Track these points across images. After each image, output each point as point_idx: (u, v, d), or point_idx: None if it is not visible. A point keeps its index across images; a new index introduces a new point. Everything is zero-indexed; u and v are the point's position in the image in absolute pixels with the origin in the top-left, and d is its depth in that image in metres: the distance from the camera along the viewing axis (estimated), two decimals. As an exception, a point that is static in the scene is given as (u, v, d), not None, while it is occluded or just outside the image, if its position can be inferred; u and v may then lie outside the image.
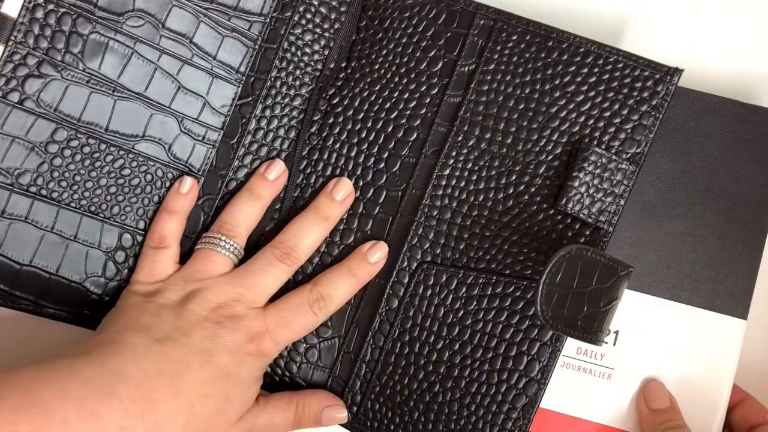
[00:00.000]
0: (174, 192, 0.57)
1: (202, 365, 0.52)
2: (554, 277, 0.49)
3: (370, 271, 0.57)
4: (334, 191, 0.58)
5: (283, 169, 0.59)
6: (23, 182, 0.54)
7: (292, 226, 0.58)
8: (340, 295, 0.57)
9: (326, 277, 0.57)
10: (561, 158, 0.55)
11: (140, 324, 0.53)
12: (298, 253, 0.57)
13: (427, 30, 0.58)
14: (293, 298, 0.56)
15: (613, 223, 0.54)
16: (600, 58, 0.55)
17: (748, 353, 0.61)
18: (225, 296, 0.54)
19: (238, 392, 0.53)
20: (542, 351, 0.54)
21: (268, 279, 0.56)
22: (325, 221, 0.58)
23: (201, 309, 0.54)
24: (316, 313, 0.56)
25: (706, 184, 0.59)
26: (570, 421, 0.59)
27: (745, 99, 0.60)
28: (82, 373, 0.48)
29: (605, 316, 0.51)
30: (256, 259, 0.57)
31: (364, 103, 0.59)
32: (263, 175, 0.58)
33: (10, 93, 0.54)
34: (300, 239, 0.57)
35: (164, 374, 0.50)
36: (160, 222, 0.57)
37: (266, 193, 0.58)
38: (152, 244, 0.57)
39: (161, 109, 0.57)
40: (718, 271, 0.59)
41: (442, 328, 0.56)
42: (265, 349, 0.54)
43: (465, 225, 0.56)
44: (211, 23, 0.57)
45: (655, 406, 0.58)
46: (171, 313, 0.53)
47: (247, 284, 0.55)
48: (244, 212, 0.58)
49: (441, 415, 0.55)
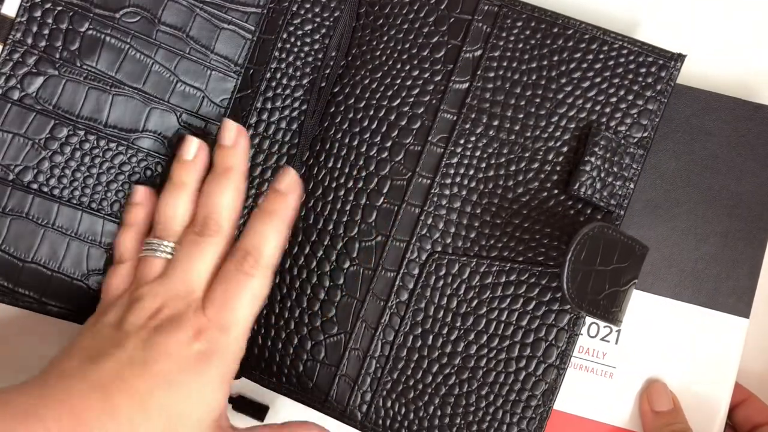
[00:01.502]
0: (127, 204, 0.56)
1: (139, 376, 0.48)
2: (578, 255, 0.50)
3: (286, 202, 0.54)
4: (224, 140, 0.55)
5: (198, 145, 0.55)
6: (23, 178, 0.55)
7: (203, 195, 0.54)
8: (266, 241, 0.53)
9: (246, 231, 0.54)
10: (570, 144, 0.56)
11: (76, 347, 0.50)
12: (217, 220, 0.53)
13: (430, 15, 0.59)
14: (222, 272, 0.53)
15: (624, 206, 0.55)
16: (605, 44, 0.56)
17: (750, 352, 0.62)
18: (160, 298, 0.51)
19: (190, 404, 0.50)
20: (560, 336, 0.55)
21: (198, 261, 0.52)
22: (232, 176, 0.54)
23: (138, 319, 0.50)
24: (249, 273, 0.52)
25: (709, 183, 0.60)
26: (571, 419, 0.60)
27: (748, 97, 0.61)
28: (9, 402, 0.46)
29: (625, 296, 0.53)
30: (180, 246, 0.53)
31: (365, 91, 0.59)
32: (179, 158, 0.55)
33: (9, 90, 0.55)
34: (212, 206, 0.54)
35: (95, 390, 0.47)
36: (117, 236, 0.56)
37: (188, 178, 0.55)
38: (113, 260, 0.56)
39: (159, 103, 0.57)
40: (720, 270, 0.60)
41: (456, 318, 0.56)
42: (213, 343, 0.50)
43: (475, 213, 0.57)
44: (206, 16, 0.58)
45: (658, 408, 0.58)
46: (109, 330, 0.51)
47: (178, 276, 0.52)
48: (171, 206, 0.54)
49: (458, 408, 0.56)
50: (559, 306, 0.55)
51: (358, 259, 0.58)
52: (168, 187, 0.55)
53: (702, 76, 0.64)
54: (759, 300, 0.59)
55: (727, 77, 0.65)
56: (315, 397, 0.58)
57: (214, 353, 0.50)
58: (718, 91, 0.61)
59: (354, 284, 0.58)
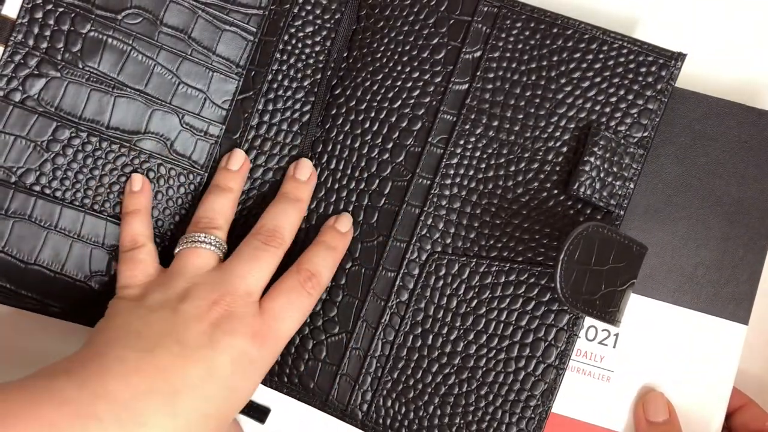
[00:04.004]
0: (127, 193, 0.58)
1: (204, 380, 0.49)
2: (572, 254, 0.51)
3: (345, 240, 0.59)
4: (297, 173, 0.59)
5: (243, 158, 0.59)
6: (26, 181, 0.56)
7: (269, 212, 0.58)
8: (326, 269, 0.57)
9: (308, 256, 0.57)
10: (569, 144, 0.57)
11: (129, 332, 0.50)
12: (282, 235, 0.56)
13: (430, 17, 0.59)
14: (284, 283, 0.55)
15: (623, 206, 0.55)
16: (605, 44, 0.57)
17: (749, 358, 0.63)
18: (218, 291, 0.52)
19: (232, 408, 0.51)
20: (559, 336, 0.55)
21: (259, 266, 0.54)
22: (297, 203, 0.58)
23: (194, 308, 0.51)
24: (310, 293, 0.55)
25: (710, 188, 0.60)
26: (568, 422, 0.60)
27: (751, 102, 0.61)
28: (61, 393, 0.45)
29: (622, 296, 0.53)
30: (242, 248, 0.55)
31: (366, 93, 0.60)
32: (226, 168, 0.59)
33: (11, 92, 0.55)
34: (280, 221, 0.57)
35: (157, 391, 0.47)
36: (124, 225, 0.57)
37: (233, 184, 0.59)
38: (125, 248, 0.56)
39: (162, 105, 0.58)
40: (720, 276, 0.60)
41: (455, 318, 0.57)
42: (265, 351, 0.52)
43: (475, 213, 0.58)
44: (208, 18, 0.59)
45: (653, 418, 0.58)
46: (162, 315, 0.51)
47: (240, 273, 0.53)
48: (217, 203, 0.57)
49: (458, 408, 0.57)
50: (558, 306, 0.56)
51: (360, 259, 0.59)
52: (214, 191, 0.58)
53: (705, 81, 0.64)
54: (758, 306, 0.60)
55: (730, 82, 0.65)
56: (316, 396, 0.59)
57: (262, 361, 0.52)
58: (720, 94, 0.61)
59: (355, 284, 0.59)
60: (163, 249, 0.59)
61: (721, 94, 0.61)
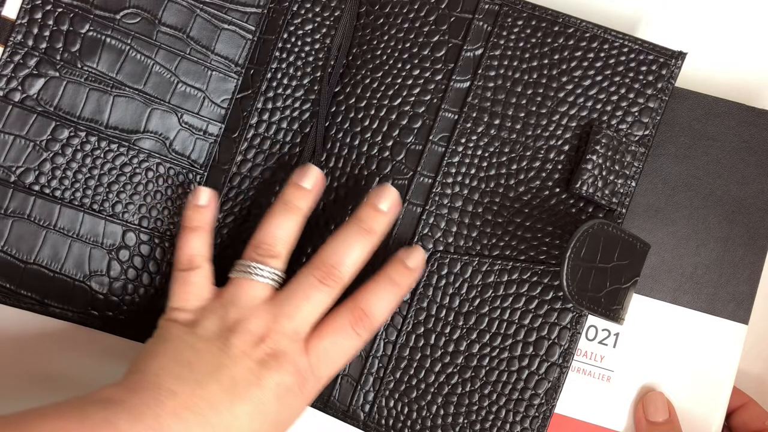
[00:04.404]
0: (191, 206, 0.56)
1: (251, 416, 0.50)
2: (578, 252, 0.51)
3: (412, 277, 0.56)
4: (377, 200, 0.55)
5: (318, 175, 0.56)
6: (25, 180, 0.56)
7: (333, 241, 0.54)
8: (383, 310, 0.54)
9: (367, 291, 0.54)
10: (571, 142, 0.57)
11: (181, 363, 0.50)
12: (341, 272, 0.54)
13: (430, 14, 0.59)
14: (334, 322, 0.53)
15: (625, 204, 0.55)
16: (606, 42, 0.57)
17: (749, 358, 0.63)
18: (267, 327, 0.52)
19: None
20: (562, 335, 0.55)
21: (310, 305, 0.53)
22: (368, 235, 0.54)
23: (243, 343, 0.51)
24: (359, 334, 0.54)
25: (710, 188, 0.60)
26: (568, 422, 0.60)
27: (751, 102, 0.61)
28: (116, 427, 0.46)
29: (626, 294, 0.54)
30: (297, 282, 0.54)
31: (366, 90, 0.60)
32: (298, 184, 0.56)
33: (10, 92, 0.56)
34: (342, 256, 0.54)
35: (207, 428, 0.48)
36: (183, 241, 0.55)
37: (303, 204, 0.55)
38: (181, 266, 0.55)
39: (160, 104, 0.58)
40: (720, 275, 0.60)
41: (458, 317, 0.57)
42: (309, 393, 0.53)
43: (477, 212, 0.58)
44: (207, 16, 0.59)
45: (653, 418, 0.58)
46: (212, 348, 0.51)
47: (289, 312, 0.53)
48: (281, 228, 0.55)
49: (461, 407, 0.57)
50: (561, 304, 0.56)
51: (360, 258, 0.59)
52: (281, 208, 0.55)
53: (705, 81, 0.64)
54: (758, 306, 0.60)
55: (730, 82, 0.65)
56: (318, 397, 0.58)
57: (304, 397, 0.53)
58: (720, 94, 0.61)
59: (357, 284, 0.59)
60: (163, 249, 0.59)
61: (721, 94, 0.61)
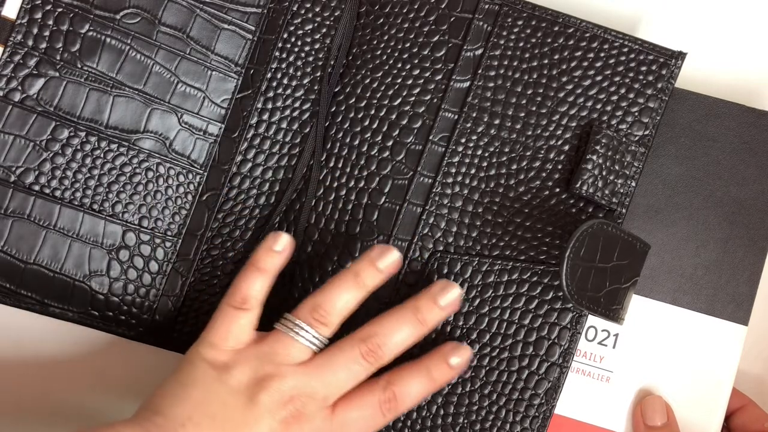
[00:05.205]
0: (267, 248, 0.55)
1: None
2: (578, 251, 0.51)
3: (451, 376, 0.55)
4: (440, 296, 0.55)
5: (396, 257, 0.55)
6: (25, 180, 0.56)
7: (386, 320, 0.54)
8: (412, 397, 0.54)
9: (401, 375, 0.54)
10: (571, 142, 0.57)
11: (206, 414, 0.51)
12: (384, 353, 0.53)
13: (430, 14, 0.60)
14: (365, 397, 0.53)
15: (625, 204, 0.56)
16: (606, 42, 0.57)
17: (749, 359, 0.63)
18: (299, 390, 0.52)
19: None
20: (562, 335, 0.56)
21: (348, 375, 0.53)
22: (420, 325, 0.54)
23: (271, 402, 0.51)
24: (385, 415, 0.53)
25: (710, 189, 0.60)
26: (568, 423, 0.60)
27: (751, 103, 0.61)
28: None
29: (626, 294, 0.54)
30: (339, 350, 0.53)
31: (366, 90, 0.60)
32: (374, 263, 0.54)
33: (10, 92, 0.56)
34: (389, 337, 0.53)
35: None
36: (246, 279, 0.55)
37: (371, 282, 0.55)
38: (233, 303, 0.54)
39: (160, 104, 0.58)
40: (719, 276, 0.60)
41: (458, 317, 0.57)
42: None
43: (477, 212, 0.58)
44: (207, 16, 0.59)
45: (651, 423, 0.58)
46: (239, 402, 0.51)
47: (326, 378, 0.52)
48: (343, 300, 0.54)
49: (461, 408, 0.57)
50: (561, 304, 0.56)
51: (361, 258, 0.59)
52: (349, 278, 0.54)
53: (705, 82, 0.65)
54: (758, 307, 0.60)
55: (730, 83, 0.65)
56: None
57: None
58: (720, 94, 0.61)
59: None
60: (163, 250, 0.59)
61: (721, 94, 0.61)
